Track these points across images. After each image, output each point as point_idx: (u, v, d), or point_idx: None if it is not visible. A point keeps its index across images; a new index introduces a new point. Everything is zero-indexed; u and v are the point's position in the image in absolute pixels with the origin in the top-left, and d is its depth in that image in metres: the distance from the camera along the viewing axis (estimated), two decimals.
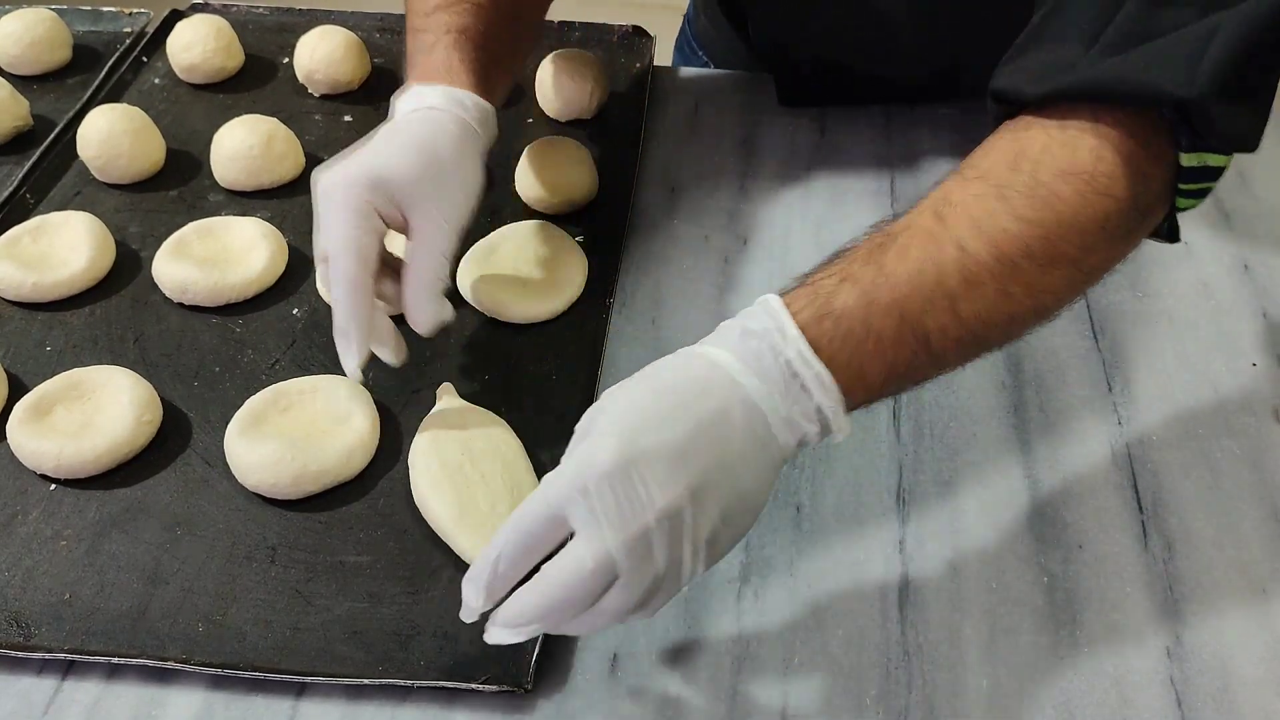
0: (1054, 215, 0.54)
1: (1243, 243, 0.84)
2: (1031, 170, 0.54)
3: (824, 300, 0.53)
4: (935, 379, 0.57)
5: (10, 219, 0.84)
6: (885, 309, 0.53)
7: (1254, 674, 0.58)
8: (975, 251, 0.53)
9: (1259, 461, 0.68)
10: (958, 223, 0.54)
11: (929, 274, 0.53)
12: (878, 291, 0.53)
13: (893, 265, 0.53)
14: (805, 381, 0.51)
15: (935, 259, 0.53)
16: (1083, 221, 0.54)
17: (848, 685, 0.58)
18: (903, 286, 0.53)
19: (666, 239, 0.85)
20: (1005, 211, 0.54)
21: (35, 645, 0.59)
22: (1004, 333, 0.57)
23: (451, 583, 0.62)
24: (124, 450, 0.67)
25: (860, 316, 0.52)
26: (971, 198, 0.55)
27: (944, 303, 0.53)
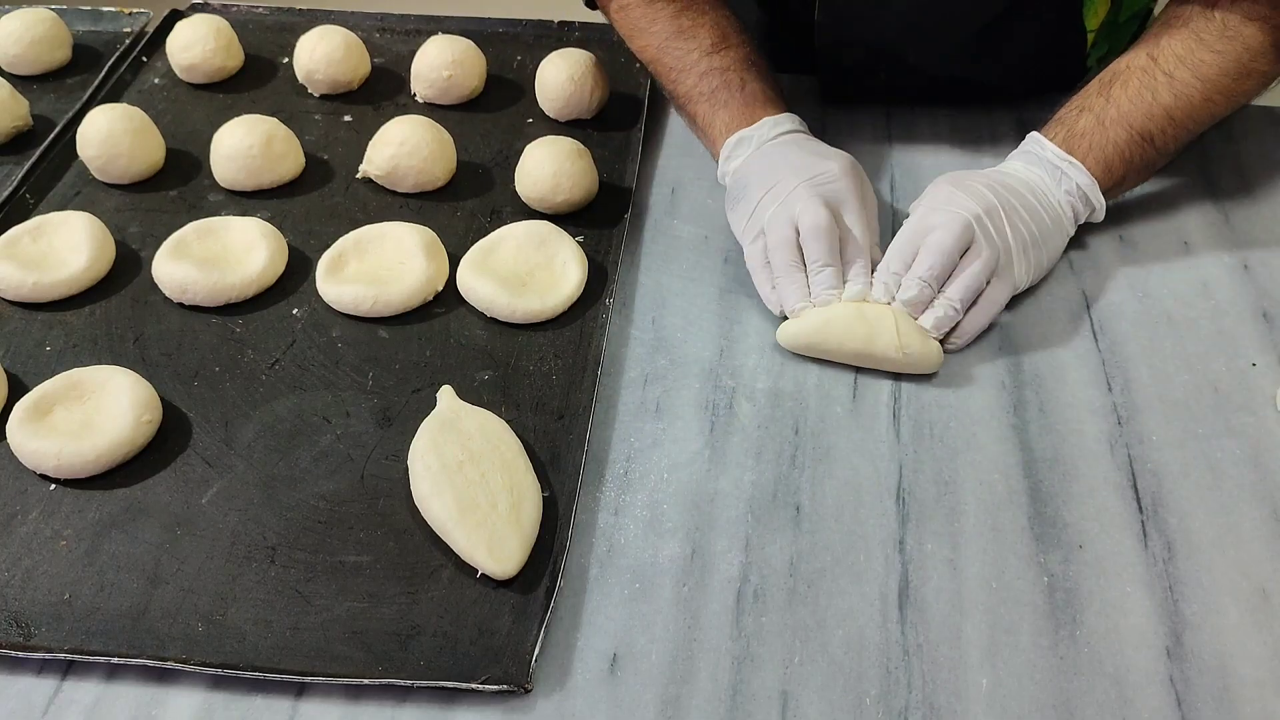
0: (1242, 46, 0.76)
1: (1243, 243, 0.84)
2: (1221, 18, 0.77)
3: (1069, 127, 0.80)
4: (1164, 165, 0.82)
5: (10, 219, 0.84)
6: (1115, 121, 0.78)
7: (1254, 674, 0.58)
8: (1181, 76, 0.77)
9: (1259, 461, 0.68)
10: (1166, 59, 0.78)
11: (1146, 95, 0.78)
12: (1107, 113, 0.79)
13: (1118, 94, 0.79)
14: (1066, 172, 0.78)
15: (1150, 85, 0.78)
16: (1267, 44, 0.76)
17: (848, 685, 0.58)
18: (1125, 105, 0.78)
19: (666, 239, 0.85)
20: (1202, 48, 0.77)
21: (35, 645, 0.59)
22: (1209, 122, 0.80)
23: (452, 583, 0.62)
24: (124, 450, 0.67)
25: (1097, 130, 0.78)
26: (1176, 40, 0.78)
27: (1160, 112, 0.78)
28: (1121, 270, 0.81)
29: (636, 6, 0.89)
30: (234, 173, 0.87)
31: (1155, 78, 0.78)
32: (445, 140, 0.88)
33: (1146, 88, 0.78)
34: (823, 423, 0.71)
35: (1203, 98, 0.77)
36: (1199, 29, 0.77)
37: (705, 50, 0.86)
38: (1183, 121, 0.78)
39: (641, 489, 0.67)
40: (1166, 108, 0.77)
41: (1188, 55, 0.77)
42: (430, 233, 0.81)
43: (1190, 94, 0.77)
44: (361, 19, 1.07)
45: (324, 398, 0.72)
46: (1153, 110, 0.78)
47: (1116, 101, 0.78)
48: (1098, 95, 0.79)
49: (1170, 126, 0.78)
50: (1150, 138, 0.78)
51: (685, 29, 0.87)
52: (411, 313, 0.78)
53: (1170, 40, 0.78)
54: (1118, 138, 0.78)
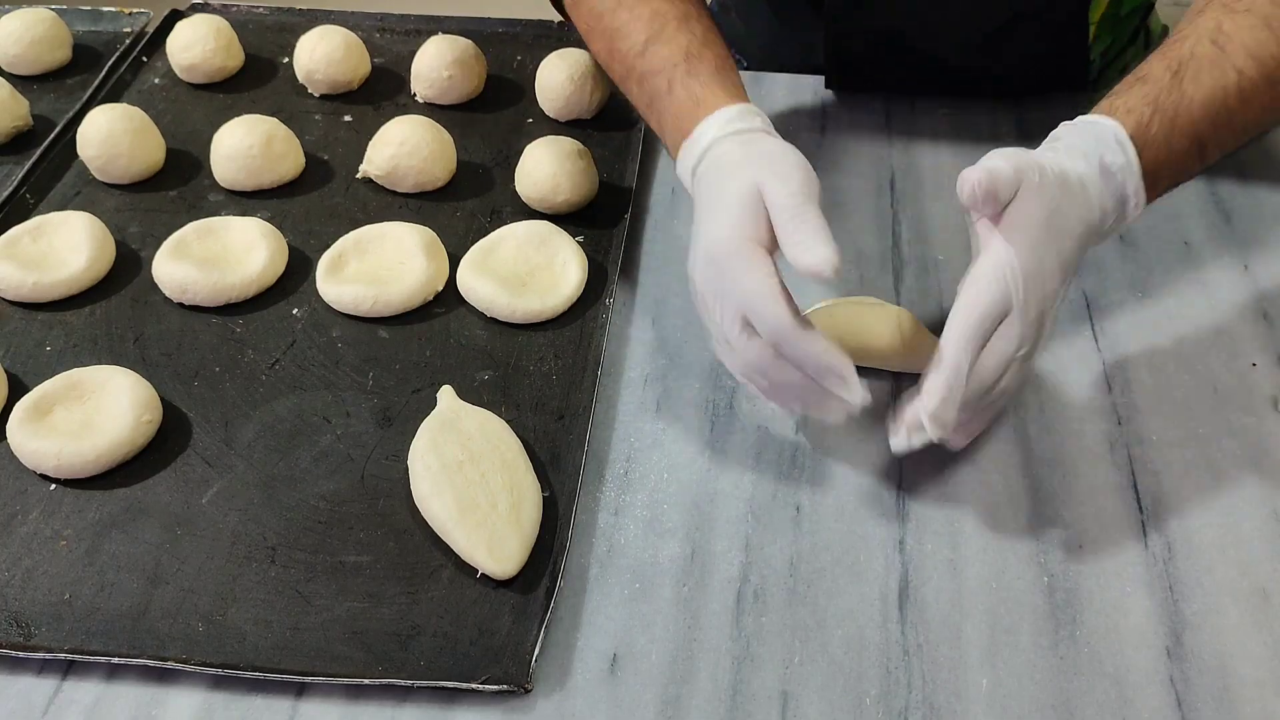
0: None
1: (1243, 243, 0.84)
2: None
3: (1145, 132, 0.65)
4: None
5: (10, 219, 0.84)
6: (1183, 131, 0.66)
7: (1254, 674, 0.58)
8: (1251, 75, 0.66)
9: (1259, 462, 0.68)
10: (1235, 51, 0.67)
11: (1217, 97, 0.66)
12: (1179, 120, 0.66)
13: (1190, 91, 0.66)
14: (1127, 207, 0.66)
15: (1221, 85, 0.66)
16: None
17: (848, 685, 0.58)
18: (1198, 110, 0.66)
19: (666, 239, 0.85)
20: (1272, 38, 0.67)
21: (35, 645, 0.59)
22: (1258, 133, 0.72)
23: (452, 583, 0.62)
24: (124, 450, 0.67)
25: (1167, 143, 0.66)
26: (1244, 29, 0.67)
27: (1225, 119, 0.67)
28: (1121, 270, 0.81)
29: (583, 3, 0.80)
30: (234, 173, 0.87)
31: (1227, 74, 0.66)
32: (445, 140, 0.88)
33: (1219, 85, 0.66)
34: (823, 423, 0.71)
35: (1263, 105, 0.68)
36: (1269, 16, 0.67)
37: (638, 51, 0.74)
38: (1239, 131, 0.69)
39: (641, 489, 0.67)
40: (1231, 113, 0.67)
41: (1258, 49, 0.67)
42: (430, 233, 0.81)
43: (1255, 98, 0.67)
44: (361, 19, 1.07)
45: (324, 398, 0.72)
46: (1219, 116, 0.67)
47: (1189, 102, 0.66)
48: (1169, 89, 0.67)
49: (1229, 136, 0.69)
50: (1204, 148, 0.68)
51: (621, 24, 0.76)
52: (411, 313, 0.78)
53: (1236, 26, 0.67)
54: (1178, 150, 0.67)
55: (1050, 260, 0.61)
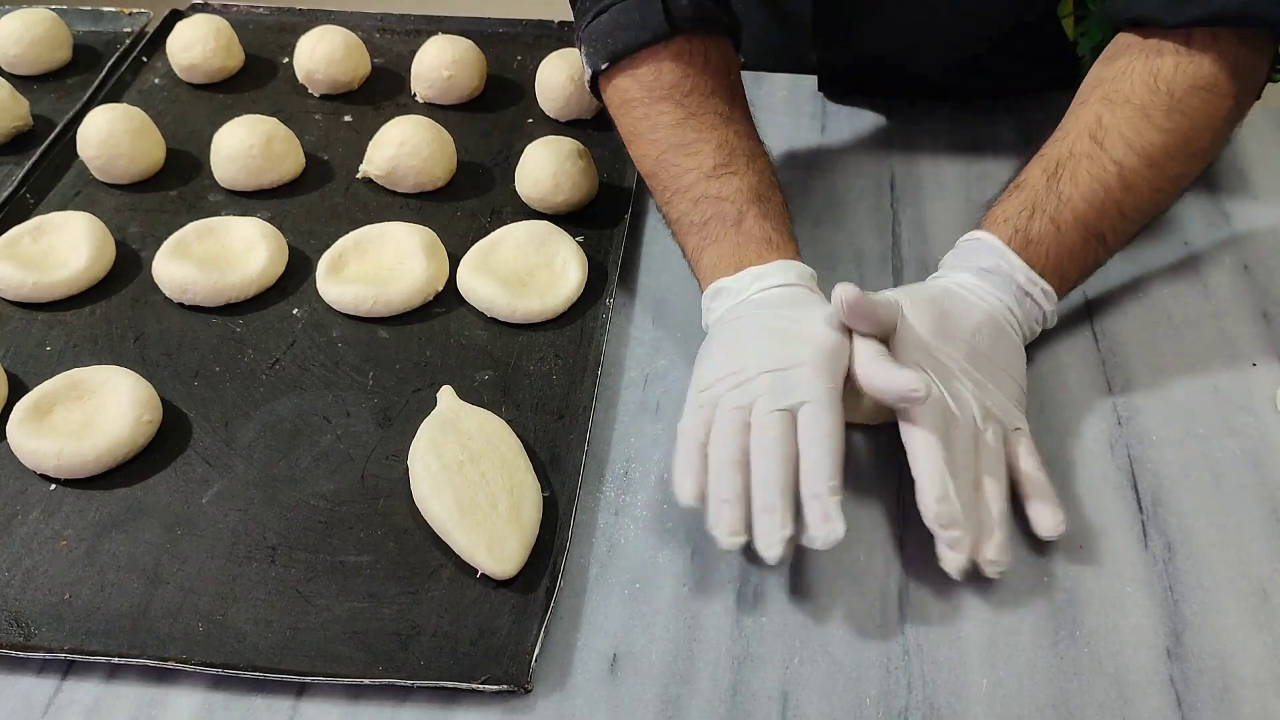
0: (1189, 123, 0.69)
1: (1243, 243, 0.84)
2: (1167, 89, 0.69)
3: (1023, 232, 0.69)
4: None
5: (10, 219, 0.84)
6: (1070, 226, 0.69)
7: (1254, 674, 0.58)
8: (1131, 164, 0.69)
9: (1259, 461, 0.68)
10: (1113, 144, 0.69)
11: (1098, 192, 0.69)
12: (1062, 215, 0.69)
13: (1068, 191, 0.69)
14: (1034, 296, 0.69)
15: (1101, 178, 0.69)
16: (1215, 121, 0.70)
17: (848, 685, 0.58)
18: (1080, 205, 0.69)
19: (666, 239, 0.85)
20: (1151, 128, 0.69)
21: (35, 645, 0.59)
22: (1156, 213, 0.74)
23: (452, 583, 0.62)
24: (124, 450, 0.67)
25: (1053, 237, 0.69)
26: (1122, 120, 0.70)
27: (1113, 209, 0.70)
28: (1121, 270, 0.81)
29: (639, 105, 0.76)
30: (234, 173, 0.87)
31: (1105, 167, 0.69)
32: (445, 140, 0.88)
33: (1098, 180, 0.69)
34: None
35: (1152, 187, 0.70)
36: (1146, 105, 0.69)
37: (706, 172, 0.73)
38: (1133, 216, 0.71)
39: (641, 489, 0.67)
40: (1118, 203, 0.69)
41: (1135, 138, 0.69)
42: (430, 233, 0.81)
43: (1140, 185, 0.69)
44: (361, 19, 1.07)
45: (324, 398, 0.72)
46: (1105, 207, 0.69)
47: (1069, 200, 0.69)
48: (1046, 191, 0.70)
49: (1121, 223, 0.71)
50: (1103, 238, 0.70)
51: (688, 142, 0.74)
52: (411, 313, 0.78)
53: (1115, 119, 0.70)
54: (1073, 243, 0.69)
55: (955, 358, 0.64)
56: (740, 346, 0.66)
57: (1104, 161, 0.69)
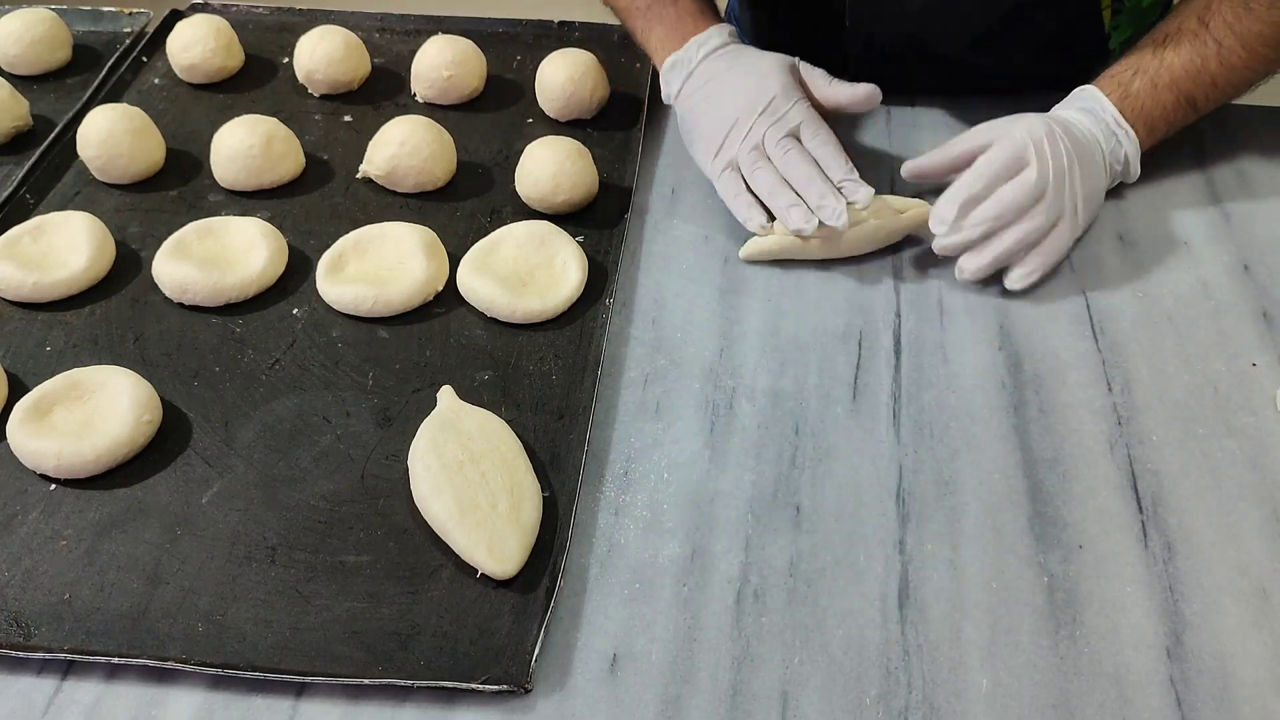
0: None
1: (1243, 243, 0.84)
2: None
3: (1124, 87, 0.83)
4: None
5: (10, 219, 0.84)
6: (1166, 87, 0.82)
7: (1254, 674, 0.58)
8: (1230, 45, 0.81)
9: (1259, 461, 0.68)
10: (1217, 26, 0.81)
11: (1196, 63, 0.81)
12: (1160, 77, 0.82)
13: (1170, 59, 0.82)
14: (1119, 137, 0.82)
15: (1200, 53, 0.81)
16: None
17: (848, 685, 0.58)
18: (1178, 71, 0.82)
19: (666, 239, 0.85)
20: (1251, 16, 0.80)
21: (35, 645, 0.59)
22: (1245, 89, 0.84)
23: (452, 583, 0.62)
24: (124, 450, 0.67)
25: (1149, 94, 0.82)
26: (1226, 7, 0.81)
27: (1207, 79, 0.82)
28: (1121, 270, 0.81)
29: None
30: (234, 173, 0.87)
31: (1205, 43, 0.81)
32: (445, 140, 0.88)
33: (1197, 53, 0.81)
34: (823, 423, 0.71)
35: (1245, 66, 0.81)
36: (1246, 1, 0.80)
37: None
38: (1224, 88, 0.82)
39: (641, 489, 0.67)
40: (1213, 74, 0.81)
41: (1236, 23, 0.80)
42: (430, 233, 0.81)
43: (1235, 62, 0.81)
44: (361, 19, 1.07)
45: (324, 398, 0.72)
46: (1200, 76, 0.81)
47: (1169, 64, 0.81)
48: (1151, 55, 0.82)
49: (1214, 92, 0.82)
50: (1194, 102, 0.82)
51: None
52: (411, 313, 0.78)
53: (1220, 5, 0.81)
54: (1166, 102, 0.82)
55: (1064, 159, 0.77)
56: (720, 107, 0.84)
57: (1206, 39, 0.81)
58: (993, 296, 0.79)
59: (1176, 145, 0.87)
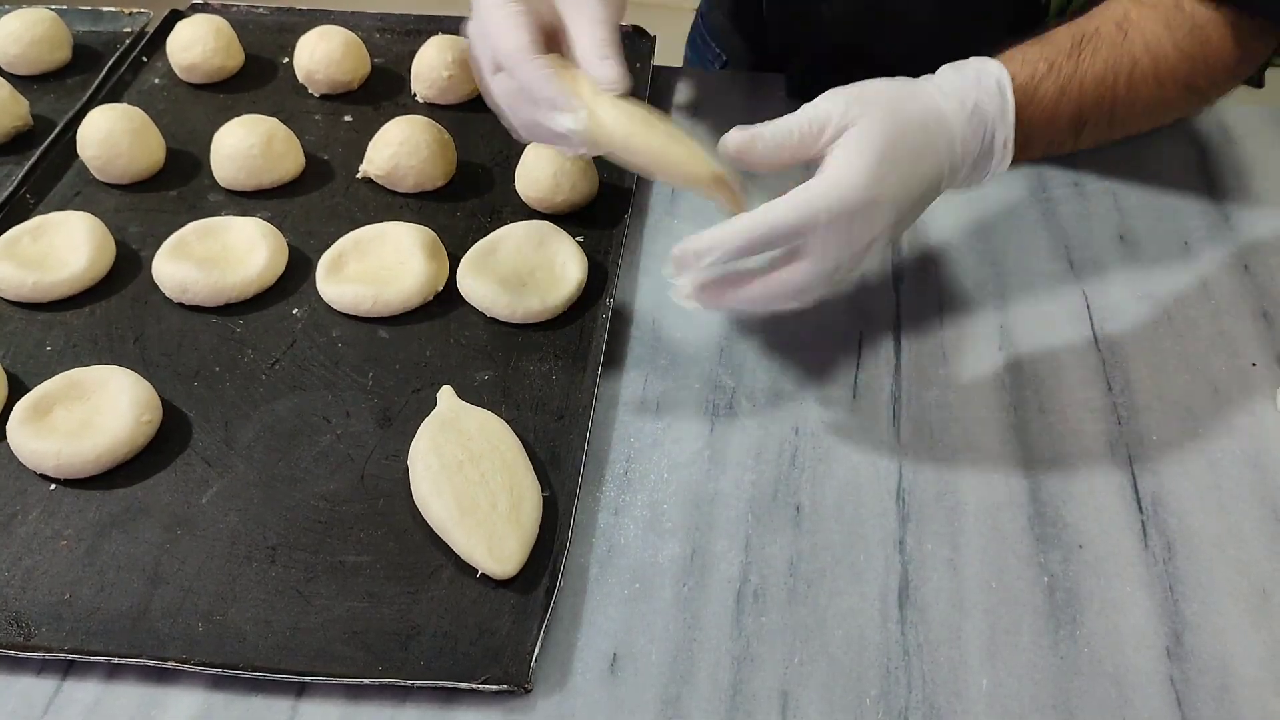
0: (1201, 53, 0.70)
1: (1243, 243, 0.84)
2: (1190, 11, 0.70)
3: (1034, 87, 0.68)
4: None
5: (10, 219, 0.84)
6: (1070, 102, 0.69)
7: (1254, 674, 0.58)
8: (1144, 68, 0.69)
9: (1259, 461, 0.68)
10: (1135, 40, 0.70)
11: (1107, 81, 0.69)
12: (1070, 88, 0.68)
13: (1086, 65, 0.69)
14: (995, 157, 0.67)
15: (1115, 68, 0.69)
16: (1217, 65, 0.71)
17: (848, 685, 0.58)
18: (1088, 87, 0.69)
19: (666, 239, 0.85)
20: (1170, 40, 0.70)
21: (35, 645, 0.59)
22: (1124, 134, 0.73)
23: (452, 583, 0.62)
24: (124, 450, 0.67)
25: (1052, 107, 0.68)
26: (1147, 21, 0.70)
27: (1108, 104, 0.70)
28: (1121, 270, 0.81)
29: None
30: (234, 173, 0.87)
31: (1122, 60, 0.69)
32: (445, 140, 0.88)
33: (1111, 67, 0.69)
34: (823, 423, 0.71)
35: (1148, 98, 0.71)
36: (1169, 17, 0.70)
37: None
38: (1115, 121, 0.71)
39: (641, 489, 0.67)
40: (1117, 98, 0.70)
41: (1155, 44, 0.70)
42: (430, 233, 0.81)
43: (1143, 89, 0.70)
44: (361, 19, 1.07)
45: (324, 398, 0.72)
46: (1105, 96, 0.70)
47: (1083, 73, 0.69)
48: (1069, 55, 0.69)
49: (1104, 121, 0.71)
50: (1082, 127, 0.71)
51: None
52: (411, 313, 0.78)
53: (1140, 16, 0.70)
54: (1061, 116, 0.69)
55: (878, 191, 0.61)
56: None
57: (1122, 52, 0.69)
58: (993, 296, 0.79)
59: (1176, 145, 0.87)
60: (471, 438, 0.66)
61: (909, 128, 0.63)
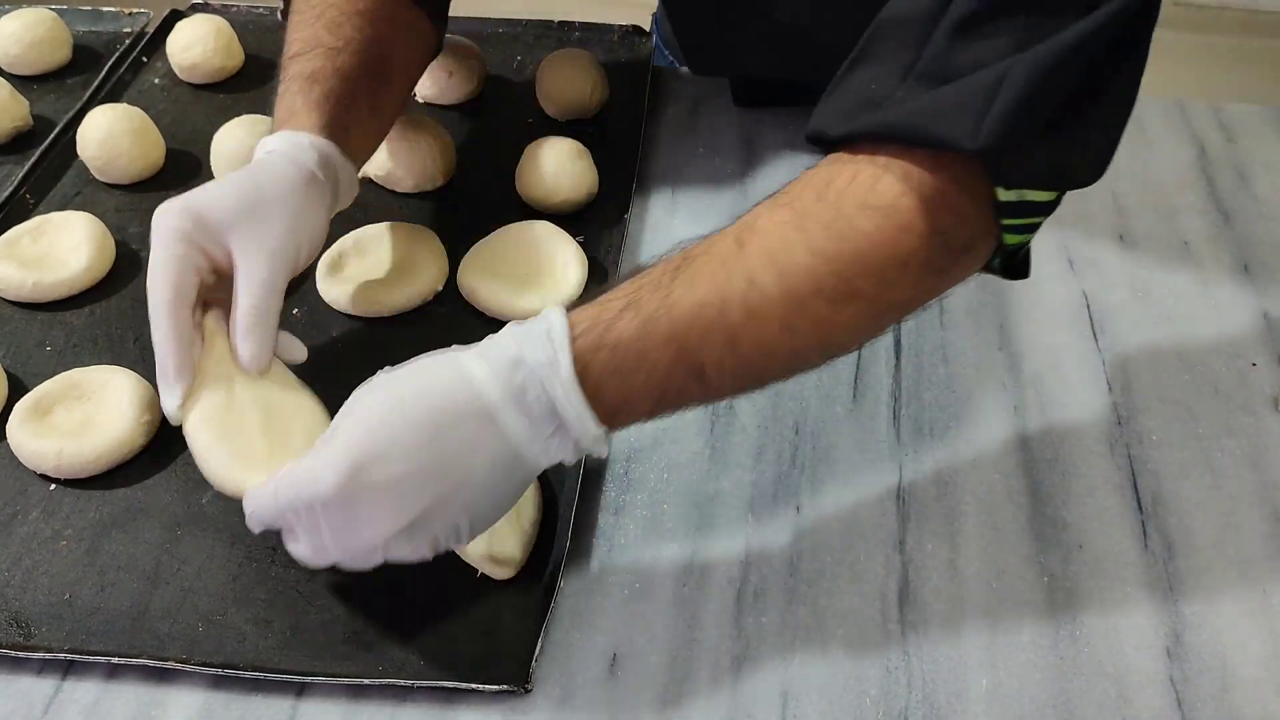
0: (851, 249, 0.53)
1: (1243, 243, 0.84)
2: (835, 201, 0.53)
3: (604, 328, 0.53)
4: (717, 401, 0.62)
5: (10, 219, 0.84)
6: (663, 341, 0.52)
7: (1254, 674, 0.58)
8: (764, 286, 0.52)
9: (1259, 461, 0.68)
10: (754, 253, 0.53)
11: (712, 307, 0.52)
12: (658, 323, 0.52)
13: (679, 294, 0.53)
14: (567, 420, 0.52)
15: (721, 292, 0.53)
16: (880, 257, 0.53)
17: (848, 685, 0.58)
18: (683, 319, 0.52)
19: (666, 239, 0.85)
20: (802, 244, 0.53)
21: (35, 645, 0.59)
22: (784, 368, 0.57)
23: (452, 583, 0.62)
24: (124, 450, 0.67)
25: (636, 348, 0.52)
26: (775, 226, 0.54)
27: (723, 337, 0.53)
28: (1121, 270, 0.81)
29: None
30: None
31: (733, 280, 0.53)
32: (445, 140, 0.88)
33: (716, 293, 0.52)
34: (823, 423, 0.71)
35: (783, 325, 0.53)
36: (806, 214, 0.54)
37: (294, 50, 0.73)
38: (751, 353, 0.54)
39: (641, 489, 0.67)
40: (732, 330, 0.53)
41: (781, 252, 0.53)
42: (430, 233, 0.81)
43: (768, 313, 0.53)
44: None
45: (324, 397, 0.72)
46: (712, 329, 0.52)
47: (675, 307, 0.52)
48: (656, 286, 0.53)
49: (730, 358, 0.53)
50: (701, 371, 0.53)
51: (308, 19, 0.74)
52: (411, 313, 0.78)
53: (770, 223, 0.54)
54: (657, 363, 0.53)
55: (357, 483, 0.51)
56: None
57: (734, 271, 0.53)
58: (993, 296, 0.79)
59: (1177, 145, 0.87)
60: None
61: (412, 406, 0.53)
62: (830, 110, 0.57)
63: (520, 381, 0.52)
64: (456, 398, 0.52)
